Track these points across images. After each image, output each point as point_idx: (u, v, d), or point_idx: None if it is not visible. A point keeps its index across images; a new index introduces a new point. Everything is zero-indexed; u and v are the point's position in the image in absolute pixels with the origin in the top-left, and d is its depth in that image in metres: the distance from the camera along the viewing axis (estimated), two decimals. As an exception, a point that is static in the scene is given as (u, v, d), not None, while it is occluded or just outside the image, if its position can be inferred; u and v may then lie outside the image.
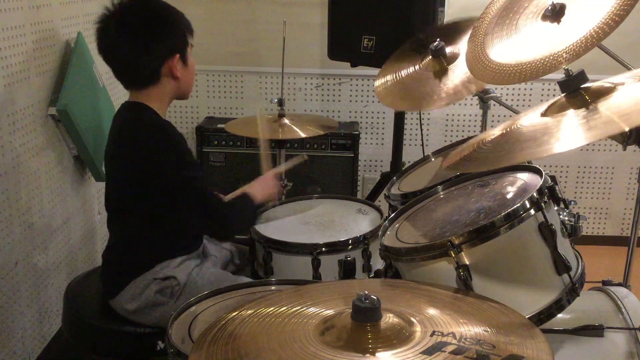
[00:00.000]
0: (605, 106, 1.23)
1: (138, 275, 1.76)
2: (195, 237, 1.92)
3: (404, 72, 2.20)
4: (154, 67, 1.73)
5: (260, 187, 1.96)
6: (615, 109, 1.20)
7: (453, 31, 2.18)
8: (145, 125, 1.74)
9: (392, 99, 2.16)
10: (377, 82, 2.24)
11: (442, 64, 2.10)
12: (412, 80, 2.15)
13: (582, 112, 1.26)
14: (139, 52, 1.72)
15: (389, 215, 1.72)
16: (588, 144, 3.59)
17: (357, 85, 3.55)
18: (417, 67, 2.17)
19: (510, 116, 3.56)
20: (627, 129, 1.11)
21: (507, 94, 3.50)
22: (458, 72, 2.04)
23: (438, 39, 2.12)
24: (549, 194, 1.40)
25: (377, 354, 0.97)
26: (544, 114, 1.36)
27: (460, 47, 2.11)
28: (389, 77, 2.23)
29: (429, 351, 0.97)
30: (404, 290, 1.26)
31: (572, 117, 1.26)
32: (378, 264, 1.90)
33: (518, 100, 3.53)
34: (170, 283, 1.76)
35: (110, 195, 1.85)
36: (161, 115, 1.79)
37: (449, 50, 2.11)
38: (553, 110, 1.35)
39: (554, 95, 1.42)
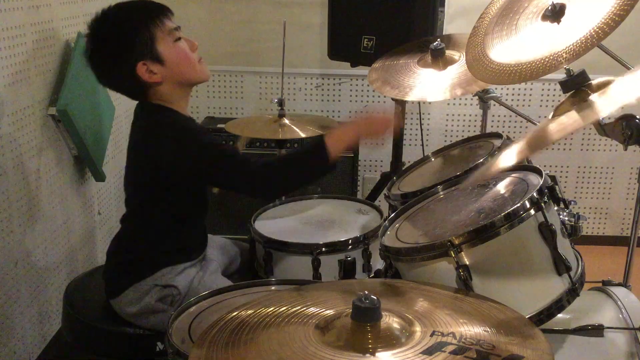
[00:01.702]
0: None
1: (140, 279, 1.76)
2: (199, 245, 1.90)
3: (399, 61, 2.24)
4: (131, 83, 1.69)
5: (356, 127, 1.74)
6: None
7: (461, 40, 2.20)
8: (169, 125, 1.72)
9: (381, 83, 2.19)
10: (375, 65, 2.29)
11: (438, 64, 2.11)
12: (403, 70, 2.18)
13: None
14: (108, 74, 1.72)
15: (389, 215, 1.72)
16: (588, 144, 3.60)
17: (357, 85, 3.55)
18: (413, 60, 2.20)
19: (511, 116, 3.56)
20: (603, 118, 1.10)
21: (507, 94, 3.50)
22: (447, 76, 2.07)
23: (439, 40, 2.13)
24: (549, 194, 1.40)
25: (377, 354, 0.97)
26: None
27: (460, 54, 2.13)
28: (386, 62, 2.27)
29: (429, 351, 0.97)
30: (404, 290, 1.26)
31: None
32: (378, 264, 1.90)
33: (518, 100, 3.53)
34: (171, 292, 1.76)
35: (128, 193, 1.84)
36: (181, 112, 1.77)
37: (448, 53, 2.13)
38: (559, 113, 1.36)
39: (554, 95, 1.42)
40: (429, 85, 2.08)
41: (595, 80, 1.34)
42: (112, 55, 1.69)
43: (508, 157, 1.32)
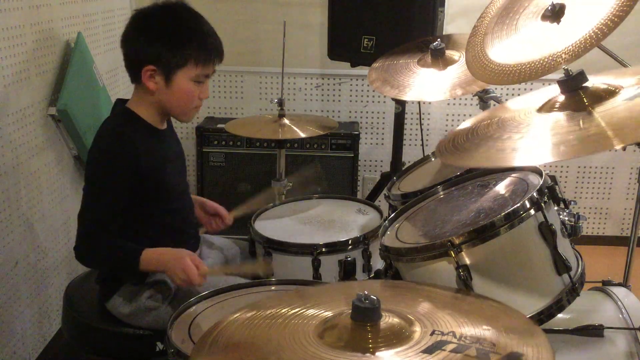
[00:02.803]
0: (601, 115, 1.22)
1: (127, 280, 1.76)
2: (188, 243, 1.87)
3: (399, 61, 2.24)
4: (135, 66, 1.72)
5: (168, 261, 1.65)
6: (610, 119, 1.19)
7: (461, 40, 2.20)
8: (103, 130, 1.75)
9: (380, 83, 2.19)
10: (375, 65, 2.29)
11: (438, 64, 2.12)
12: (403, 70, 2.18)
13: (576, 117, 1.25)
14: (131, 41, 1.73)
15: (389, 215, 1.72)
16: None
17: (357, 85, 3.55)
18: (413, 60, 2.20)
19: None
20: (617, 148, 1.09)
21: (507, 94, 3.50)
22: (447, 76, 2.07)
23: (439, 40, 2.13)
24: (549, 194, 1.40)
25: (377, 354, 0.97)
26: (539, 110, 1.36)
27: (460, 54, 2.13)
28: (386, 62, 2.27)
29: (429, 350, 0.97)
30: (404, 290, 1.26)
31: (565, 125, 1.26)
32: (378, 264, 1.90)
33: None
34: (161, 288, 1.75)
35: None
36: (150, 122, 1.77)
37: (448, 53, 2.13)
38: (547, 108, 1.35)
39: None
40: (429, 85, 2.08)
41: (591, 83, 1.34)
42: (145, 36, 1.71)
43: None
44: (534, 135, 1.27)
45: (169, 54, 1.69)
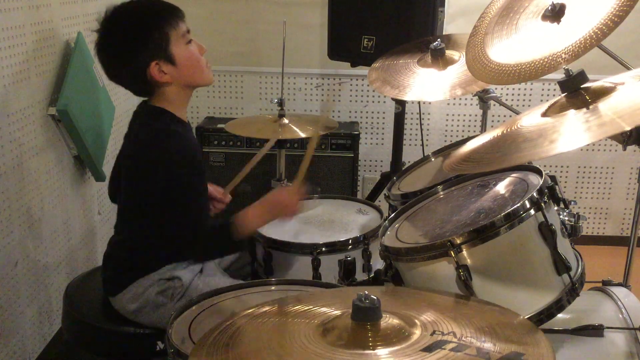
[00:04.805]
0: (605, 106, 1.23)
1: (142, 275, 1.76)
2: None
3: (399, 61, 2.25)
4: (140, 80, 1.70)
5: (267, 208, 1.78)
6: (615, 108, 1.20)
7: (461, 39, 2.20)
8: (151, 134, 1.71)
9: (380, 83, 2.19)
10: (375, 65, 2.30)
11: (438, 64, 2.12)
12: (403, 70, 2.19)
13: (582, 112, 1.26)
14: (118, 70, 1.72)
15: (389, 215, 1.72)
16: (588, 144, 3.59)
17: (357, 85, 3.55)
18: (413, 60, 2.21)
19: (511, 116, 3.56)
20: (628, 129, 1.11)
21: (507, 94, 3.50)
22: (447, 76, 2.07)
23: (439, 40, 2.14)
24: (549, 194, 1.40)
25: (377, 352, 0.98)
26: (544, 114, 1.36)
27: (460, 54, 2.13)
28: (386, 62, 2.28)
29: (429, 349, 0.97)
30: (405, 295, 1.26)
31: (572, 118, 1.27)
32: (378, 264, 1.90)
33: (518, 100, 3.53)
34: (174, 284, 1.76)
35: (123, 203, 1.83)
36: (179, 116, 1.77)
37: (448, 53, 2.13)
38: (553, 110, 1.36)
39: (554, 95, 1.43)
40: (429, 85, 2.09)
41: (592, 84, 1.34)
42: (125, 52, 1.69)
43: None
44: (550, 132, 1.27)
45: (151, 40, 1.67)
